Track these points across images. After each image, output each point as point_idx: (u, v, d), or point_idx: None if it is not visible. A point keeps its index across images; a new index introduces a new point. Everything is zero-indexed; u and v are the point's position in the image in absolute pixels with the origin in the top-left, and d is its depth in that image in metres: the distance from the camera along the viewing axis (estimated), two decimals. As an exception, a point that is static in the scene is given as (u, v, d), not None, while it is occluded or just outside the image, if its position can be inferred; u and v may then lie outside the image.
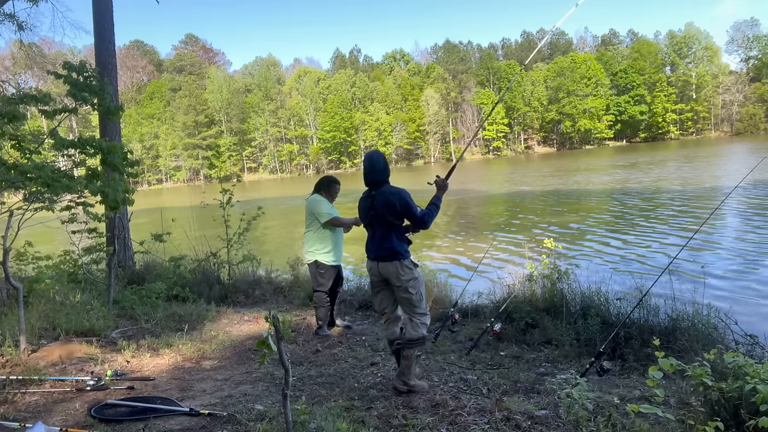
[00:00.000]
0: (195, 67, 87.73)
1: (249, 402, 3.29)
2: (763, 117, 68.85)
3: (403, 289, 3.33)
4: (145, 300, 5.90)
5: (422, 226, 3.32)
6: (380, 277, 3.41)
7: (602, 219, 14.26)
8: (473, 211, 19.43)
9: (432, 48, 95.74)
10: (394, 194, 3.29)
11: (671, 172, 26.06)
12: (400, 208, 3.27)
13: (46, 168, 4.51)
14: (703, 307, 3.94)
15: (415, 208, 3.28)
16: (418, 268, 3.42)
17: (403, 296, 3.37)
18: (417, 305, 3.36)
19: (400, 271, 3.30)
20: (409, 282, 3.31)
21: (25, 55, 13.84)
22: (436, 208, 3.36)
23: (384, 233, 3.34)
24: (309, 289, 5.99)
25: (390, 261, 3.32)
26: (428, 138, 79.17)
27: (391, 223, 3.31)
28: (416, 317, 3.36)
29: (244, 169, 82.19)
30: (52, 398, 3.48)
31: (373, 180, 3.38)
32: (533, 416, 2.83)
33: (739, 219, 11.99)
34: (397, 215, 3.29)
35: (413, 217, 3.29)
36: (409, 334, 3.35)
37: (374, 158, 3.40)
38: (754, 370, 2.23)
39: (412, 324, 3.36)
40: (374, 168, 3.36)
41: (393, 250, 3.30)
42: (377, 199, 3.34)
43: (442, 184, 3.46)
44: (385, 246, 3.33)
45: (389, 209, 3.28)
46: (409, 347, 3.34)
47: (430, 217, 3.30)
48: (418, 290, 3.34)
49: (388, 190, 3.33)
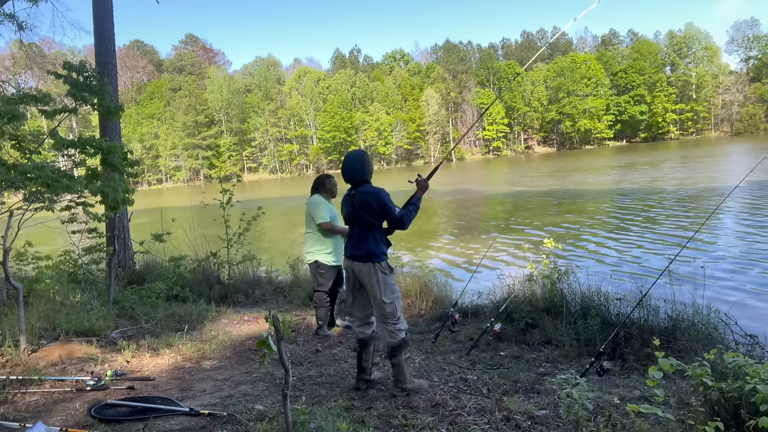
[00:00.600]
0: (195, 67, 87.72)
1: (249, 402, 3.29)
2: (763, 117, 68.85)
3: (374, 294, 3.24)
4: (145, 300, 5.90)
5: (400, 226, 3.24)
6: (354, 277, 3.34)
7: (602, 219, 14.26)
8: (473, 211, 19.43)
9: (432, 48, 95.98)
10: (372, 193, 3.23)
11: (671, 172, 26.06)
12: (377, 207, 3.21)
13: (46, 168, 4.51)
14: (703, 307, 3.94)
15: (392, 208, 3.20)
16: (393, 274, 3.29)
17: (376, 302, 3.27)
18: (390, 316, 3.25)
19: (373, 274, 3.21)
20: (382, 288, 3.21)
21: (25, 55, 13.84)
22: (415, 208, 3.29)
23: (361, 233, 3.29)
24: (309, 289, 5.99)
25: (363, 262, 3.25)
26: (428, 138, 79.18)
27: (369, 223, 3.25)
28: (389, 326, 3.26)
29: (244, 169, 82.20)
30: (52, 398, 3.47)
31: (351, 179, 3.33)
32: (533, 416, 2.83)
33: (739, 219, 11.99)
34: (375, 215, 3.23)
35: (391, 217, 3.22)
36: (388, 342, 3.27)
37: (350, 157, 3.35)
38: (754, 370, 2.23)
39: (388, 332, 3.26)
40: (350, 167, 3.31)
41: (368, 251, 3.24)
42: (356, 198, 3.29)
43: (423, 183, 3.37)
44: (360, 246, 3.27)
45: (366, 209, 3.23)
46: (394, 354, 3.27)
47: (408, 218, 3.22)
48: (392, 300, 3.24)
49: (367, 189, 3.27)
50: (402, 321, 3.32)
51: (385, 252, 3.29)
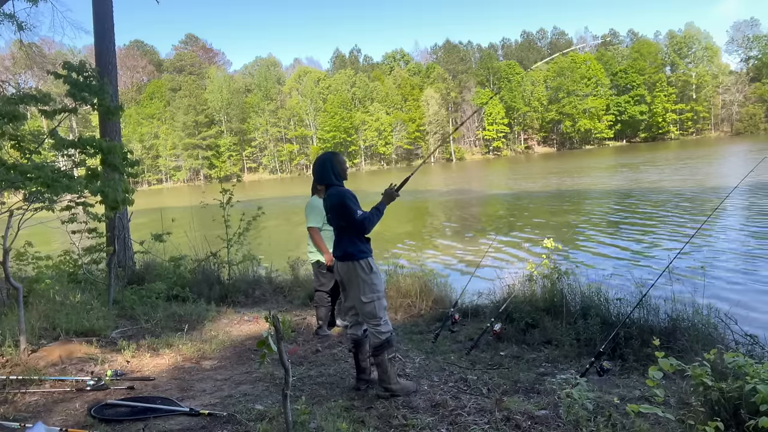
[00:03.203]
0: (195, 67, 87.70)
1: (249, 402, 3.29)
2: (763, 117, 68.85)
3: (354, 293, 3.27)
4: (145, 300, 5.90)
5: (360, 228, 3.22)
6: (339, 276, 3.40)
7: (602, 219, 14.26)
8: (473, 211, 19.42)
9: (432, 48, 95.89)
10: (335, 195, 3.28)
11: (671, 172, 26.06)
12: (340, 209, 3.25)
13: (46, 168, 4.51)
14: (702, 307, 3.94)
15: (353, 211, 3.20)
16: (374, 274, 3.29)
17: (356, 301, 3.29)
18: (369, 315, 3.27)
19: (352, 273, 3.25)
20: (360, 287, 3.23)
21: (25, 55, 13.83)
22: (378, 213, 3.28)
23: (338, 234, 3.36)
24: (309, 289, 5.99)
25: (343, 261, 3.29)
26: (428, 138, 79.15)
27: (339, 225, 3.32)
28: (371, 326, 3.29)
29: (244, 169, 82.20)
30: (52, 398, 3.48)
31: (319, 182, 3.41)
32: (533, 416, 2.83)
33: (739, 219, 11.99)
34: (341, 217, 3.27)
35: (351, 220, 3.22)
36: (372, 341, 3.30)
37: (317, 160, 3.42)
38: (754, 370, 2.23)
39: (372, 331, 3.30)
40: (316, 170, 3.39)
41: (345, 251, 3.28)
42: (326, 201, 3.39)
43: (390, 192, 3.37)
44: (339, 246, 3.34)
45: (333, 211, 3.32)
46: (376, 354, 3.28)
47: (369, 222, 3.21)
48: (371, 299, 3.24)
49: (332, 191, 3.32)
50: (385, 322, 3.30)
51: (364, 250, 3.27)
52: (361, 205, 3.29)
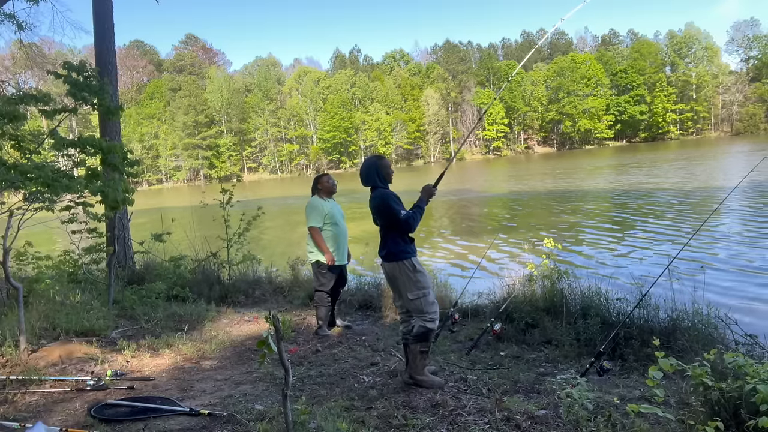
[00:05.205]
0: (195, 67, 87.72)
1: (249, 402, 3.29)
2: (763, 117, 68.83)
3: (401, 291, 3.43)
4: (145, 300, 5.90)
5: (405, 227, 3.35)
6: (386, 275, 3.55)
7: (602, 219, 14.26)
8: (473, 211, 19.42)
9: (432, 48, 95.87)
10: (378, 197, 3.41)
11: (671, 172, 26.06)
12: (384, 209, 3.36)
13: (46, 168, 4.51)
14: (702, 307, 3.94)
15: (397, 211, 3.32)
16: (418, 271, 3.38)
17: (403, 299, 3.44)
18: (416, 311, 3.40)
19: (397, 273, 3.39)
20: (406, 285, 3.37)
21: (25, 55, 13.84)
22: (420, 211, 3.40)
23: (383, 234, 3.47)
24: (309, 289, 5.99)
25: (388, 261, 3.43)
26: (428, 138, 79.17)
27: (383, 225, 3.43)
28: (419, 320, 3.40)
29: (244, 169, 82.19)
30: (52, 398, 3.48)
31: (365, 184, 3.54)
32: (533, 416, 2.83)
33: (738, 219, 11.99)
34: (385, 217, 3.39)
35: (396, 220, 3.33)
36: (415, 329, 3.41)
37: (363, 164, 3.58)
38: (754, 370, 2.23)
39: (419, 323, 3.41)
40: (362, 173, 3.53)
41: (389, 251, 3.40)
42: (370, 203, 3.50)
43: (428, 189, 3.50)
44: (384, 246, 3.46)
45: (377, 212, 3.45)
46: (413, 342, 3.41)
47: (413, 220, 3.33)
48: (417, 297, 3.36)
49: (376, 193, 3.46)
50: (431, 318, 3.39)
51: (407, 251, 3.40)
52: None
